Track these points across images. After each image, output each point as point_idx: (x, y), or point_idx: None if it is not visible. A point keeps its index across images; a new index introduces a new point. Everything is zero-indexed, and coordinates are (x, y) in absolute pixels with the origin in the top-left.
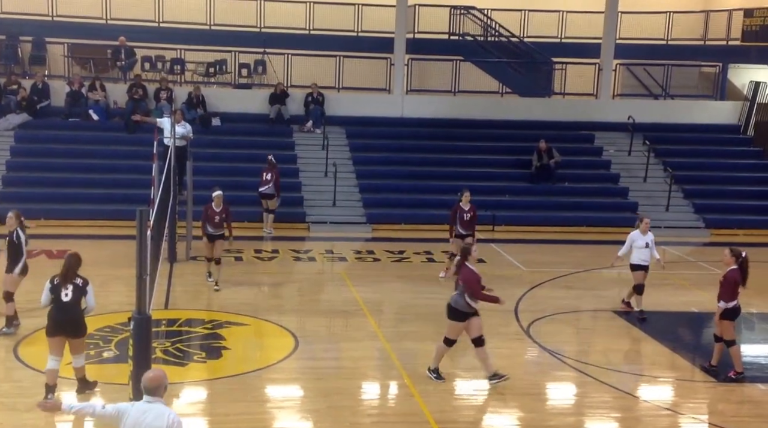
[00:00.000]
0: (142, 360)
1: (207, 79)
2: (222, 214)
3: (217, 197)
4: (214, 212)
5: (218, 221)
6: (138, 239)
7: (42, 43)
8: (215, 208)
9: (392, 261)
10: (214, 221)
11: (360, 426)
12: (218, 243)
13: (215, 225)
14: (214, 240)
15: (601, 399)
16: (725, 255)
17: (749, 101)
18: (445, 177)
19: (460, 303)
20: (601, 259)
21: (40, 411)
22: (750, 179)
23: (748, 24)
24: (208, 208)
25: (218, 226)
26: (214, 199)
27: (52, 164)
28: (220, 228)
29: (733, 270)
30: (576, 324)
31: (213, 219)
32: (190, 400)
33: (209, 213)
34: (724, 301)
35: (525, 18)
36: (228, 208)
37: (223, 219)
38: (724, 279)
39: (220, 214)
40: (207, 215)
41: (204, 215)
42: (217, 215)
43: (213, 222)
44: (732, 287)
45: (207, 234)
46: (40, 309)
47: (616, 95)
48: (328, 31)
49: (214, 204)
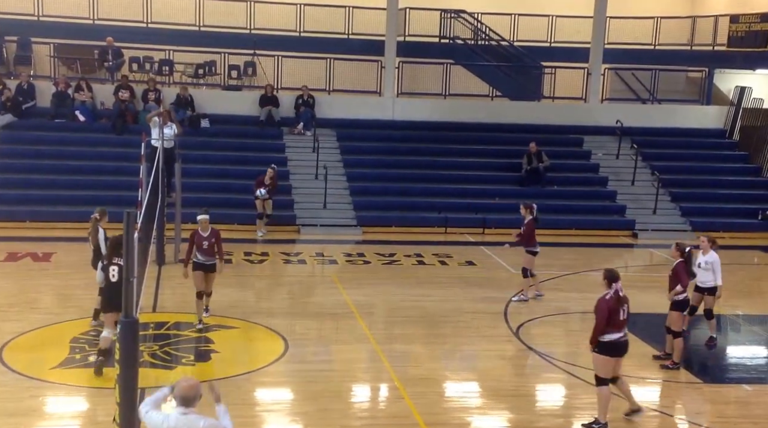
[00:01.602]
0: (129, 363)
1: (196, 81)
2: (211, 239)
3: (203, 221)
4: (201, 238)
5: (207, 247)
6: (125, 242)
7: (28, 43)
8: (202, 233)
9: (383, 264)
10: (203, 248)
11: None
12: (210, 276)
13: (205, 252)
14: (205, 270)
15: (589, 401)
16: (672, 250)
17: (735, 106)
18: (436, 180)
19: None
20: (590, 262)
21: (23, 415)
22: (735, 183)
23: (734, 30)
24: (195, 235)
25: (209, 254)
26: (200, 223)
27: (38, 166)
28: (211, 255)
29: (680, 262)
30: (565, 326)
31: (201, 246)
32: None
33: (196, 239)
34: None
35: (515, 22)
36: (218, 233)
37: (213, 245)
38: (673, 273)
39: (209, 238)
40: (194, 242)
41: (191, 242)
42: (206, 240)
43: (202, 250)
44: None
45: (197, 264)
46: (23, 313)
47: (605, 99)
48: (319, 33)
49: (201, 228)
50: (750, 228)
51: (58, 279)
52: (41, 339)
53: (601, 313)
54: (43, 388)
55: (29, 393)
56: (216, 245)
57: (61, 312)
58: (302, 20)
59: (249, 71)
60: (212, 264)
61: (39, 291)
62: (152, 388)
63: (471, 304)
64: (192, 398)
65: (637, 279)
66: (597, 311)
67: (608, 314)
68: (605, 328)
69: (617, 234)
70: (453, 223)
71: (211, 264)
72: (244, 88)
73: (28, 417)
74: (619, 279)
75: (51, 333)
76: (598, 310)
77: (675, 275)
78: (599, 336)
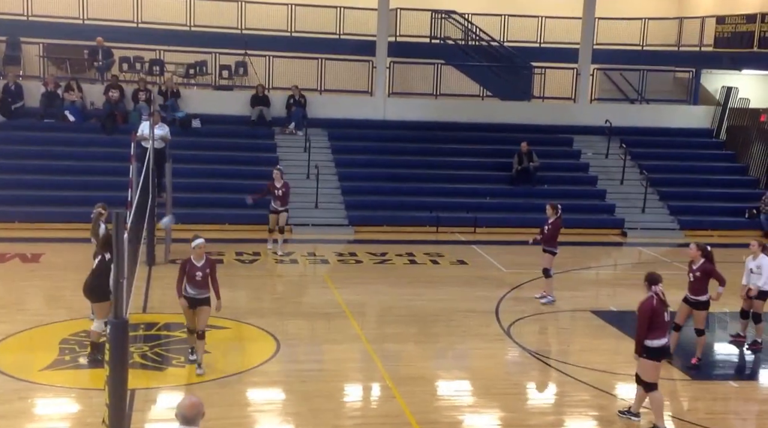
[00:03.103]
0: (119, 365)
1: (187, 80)
2: (206, 270)
3: (199, 247)
4: (194, 268)
5: (201, 279)
6: (115, 242)
7: (17, 43)
8: (196, 262)
9: (374, 263)
10: (196, 279)
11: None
12: (202, 310)
13: (198, 284)
14: (196, 305)
15: (579, 398)
16: (692, 250)
17: (721, 106)
18: (427, 179)
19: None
20: (579, 260)
21: (12, 418)
22: (722, 182)
23: (720, 31)
24: (186, 264)
25: (202, 286)
26: (194, 250)
27: (27, 166)
28: (204, 289)
29: (706, 262)
30: (555, 324)
31: (194, 278)
32: (169, 405)
33: (188, 269)
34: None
35: (505, 23)
36: (213, 263)
37: (207, 276)
38: (703, 274)
39: (203, 269)
40: (185, 272)
41: (181, 272)
42: (199, 271)
43: (194, 282)
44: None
45: (187, 298)
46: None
47: (594, 99)
48: (310, 33)
49: (194, 257)
50: (737, 227)
51: (47, 280)
52: (30, 341)
53: (644, 315)
54: (32, 390)
55: (18, 395)
56: (211, 277)
57: (50, 313)
58: (293, 20)
59: (240, 71)
60: (205, 298)
61: (28, 292)
62: (142, 390)
63: (462, 303)
64: (193, 417)
65: (626, 278)
66: (639, 313)
67: (651, 316)
68: (649, 332)
69: (607, 232)
70: (444, 222)
71: (203, 297)
72: (235, 88)
73: (17, 419)
74: (660, 282)
75: (40, 334)
76: (640, 313)
77: (707, 275)
78: (646, 341)
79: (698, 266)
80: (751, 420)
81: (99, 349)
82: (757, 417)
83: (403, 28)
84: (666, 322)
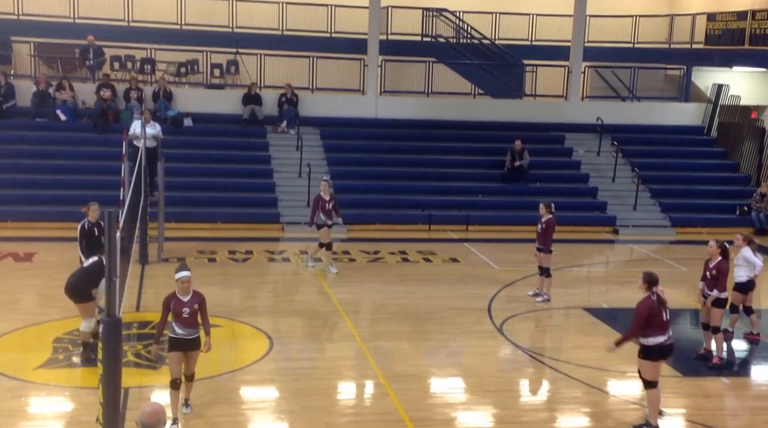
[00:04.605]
0: (113, 363)
1: (178, 79)
2: (193, 305)
3: (184, 280)
4: (180, 304)
5: (188, 316)
6: (107, 241)
7: (7, 42)
8: (181, 297)
9: (367, 262)
10: (183, 317)
11: (335, 426)
12: (193, 355)
13: (185, 322)
14: (186, 349)
15: (571, 395)
16: (712, 247)
17: (712, 103)
18: (419, 177)
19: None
20: (571, 258)
21: (6, 416)
22: (713, 179)
23: (711, 28)
24: (171, 300)
25: (190, 325)
26: (178, 284)
27: (19, 165)
28: (194, 326)
29: (722, 261)
30: (548, 321)
31: (180, 315)
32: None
33: (173, 306)
34: (717, 290)
35: (496, 21)
36: (202, 298)
37: (196, 312)
38: (719, 272)
39: (190, 304)
40: (171, 308)
41: (165, 310)
42: (186, 307)
43: (181, 320)
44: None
45: (174, 340)
46: (5, 314)
47: (585, 97)
48: (302, 31)
49: (179, 291)
50: (728, 224)
51: (40, 279)
52: (24, 340)
53: (640, 315)
54: (26, 389)
55: (12, 393)
56: (200, 313)
57: (43, 312)
58: (285, 18)
59: (232, 70)
60: (195, 339)
61: (21, 291)
62: (136, 388)
63: (455, 301)
64: (154, 425)
65: (618, 275)
66: (637, 312)
67: (647, 315)
68: (645, 331)
69: (599, 229)
70: (437, 220)
71: (194, 338)
72: (227, 87)
73: (11, 417)
74: (658, 282)
75: (33, 333)
76: (638, 311)
77: (722, 274)
78: (642, 340)
79: (715, 264)
80: (743, 417)
81: (92, 348)
82: (749, 413)
83: (395, 26)
84: (665, 322)
